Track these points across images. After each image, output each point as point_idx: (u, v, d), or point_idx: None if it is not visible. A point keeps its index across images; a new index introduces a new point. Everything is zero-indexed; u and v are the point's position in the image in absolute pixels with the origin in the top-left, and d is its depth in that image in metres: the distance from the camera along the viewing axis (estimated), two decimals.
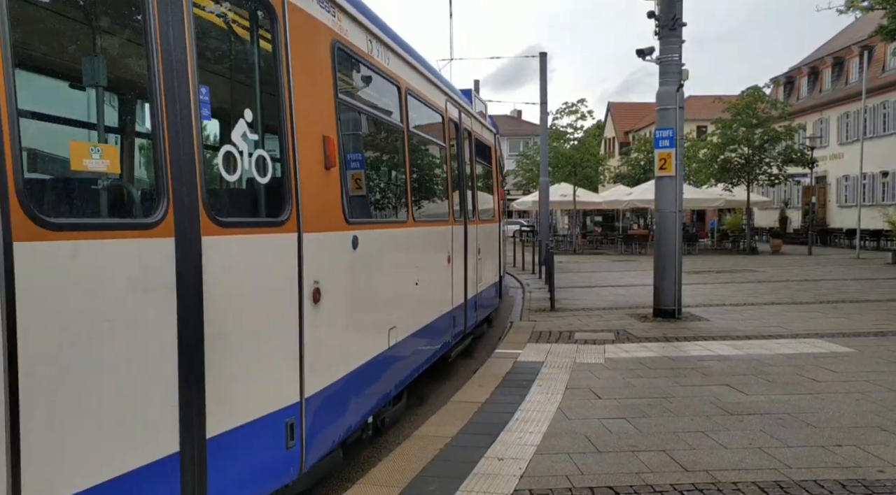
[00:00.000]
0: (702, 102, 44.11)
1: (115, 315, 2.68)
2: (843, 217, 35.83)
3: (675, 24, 11.04)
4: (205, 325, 3.10)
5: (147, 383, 2.85)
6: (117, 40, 3.24)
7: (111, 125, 3.78)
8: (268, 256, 3.68)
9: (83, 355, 2.54)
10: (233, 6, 3.82)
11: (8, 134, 2.23)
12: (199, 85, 3.14)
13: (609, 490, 4.25)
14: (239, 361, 3.38)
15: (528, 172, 42.18)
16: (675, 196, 11.22)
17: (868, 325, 10.32)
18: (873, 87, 31.49)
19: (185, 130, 3.02)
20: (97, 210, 2.91)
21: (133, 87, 3.53)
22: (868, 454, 4.81)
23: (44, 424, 2.38)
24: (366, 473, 4.71)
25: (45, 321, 2.38)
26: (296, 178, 3.87)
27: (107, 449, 2.65)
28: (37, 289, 2.34)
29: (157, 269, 2.88)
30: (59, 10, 3.06)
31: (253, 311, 3.52)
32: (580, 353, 8.48)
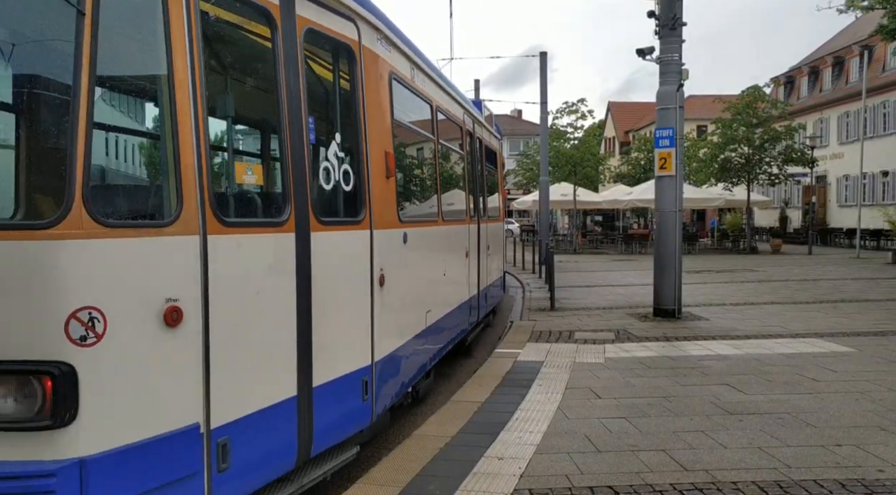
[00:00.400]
0: (702, 102, 44.11)
1: (261, 286, 3.69)
2: (843, 217, 35.82)
3: (676, 23, 11.04)
4: (312, 299, 4.07)
5: (277, 340, 3.81)
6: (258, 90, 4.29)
7: (253, 151, 5.18)
8: (351, 247, 4.67)
9: (244, 313, 3.55)
10: (326, 53, 4.75)
11: (206, 162, 3.31)
12: (308, 117, 4.14)
13: (609, 489, 4.26)
14: (333, 329, 4.34)
15: (529, 172, 42.17)
16: (675, 195, 11.22)
17: (868, 325, 10.32)
18: (873, 87, 31.49)
19: (300, 152, 4.02)
20: (252, 212, 3.98)
21: (268, 124, 4.54)
22: (868, 453, 4.82)
23: (222, 358, 3.37)
24: (366, 472, 4.71)
25: (225, 288, 3.39)
26: (368, 186, 4.87)
27: (256, 388, 3.64)
28: (220, 266, 3.34)
29: (284, 254, 3.89)
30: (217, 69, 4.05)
31: (342, 290, 4.50)
32: (580, 353, 8.48)
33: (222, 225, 3.39)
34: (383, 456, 5.07)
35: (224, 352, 3.39)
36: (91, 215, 2.85)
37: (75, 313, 2.81)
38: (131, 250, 3.02)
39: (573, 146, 34.85)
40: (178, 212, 3.19)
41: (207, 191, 3.29)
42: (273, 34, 3.92)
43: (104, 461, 2.87)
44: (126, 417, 2.98)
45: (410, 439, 5.34)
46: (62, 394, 2.77)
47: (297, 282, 3.96)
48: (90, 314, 2.85)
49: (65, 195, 2.80)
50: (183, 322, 3.18)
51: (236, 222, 3.58)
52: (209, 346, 3.31)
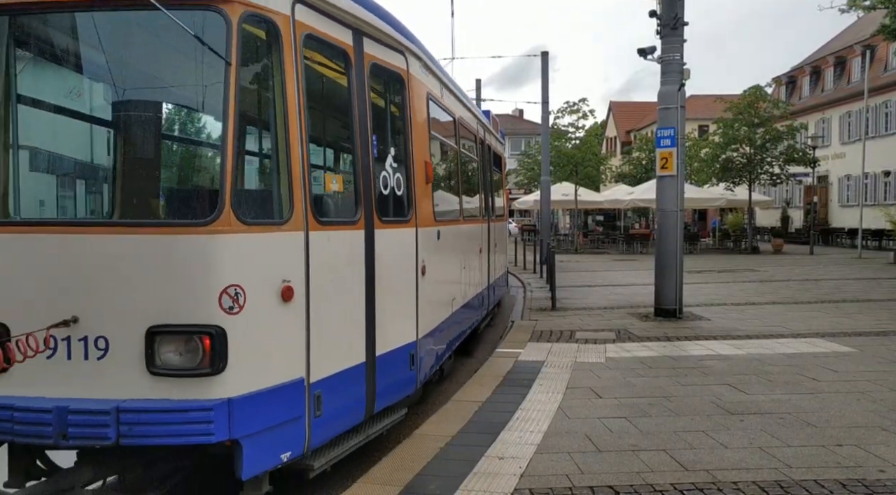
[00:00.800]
0: (703, 102, 44.07)
1: (342, 272, 4.65)
2: (844, 216, 35.78)
3: (677, 23, 11.03)
4: (375, 283, 4.99)
5: (352, 315, 4.78)
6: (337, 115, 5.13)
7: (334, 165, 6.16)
8: (402, 242, 5.56)
9: (331, 293, 4.48)
10: (384, 82, 5.62)
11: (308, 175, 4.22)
12: (372, 135, 5.02)
13: (609, 489, 4.26)
14: (389, 309, 5.22)
15: (530, 171, 42.17)
16: (676, 195, 11.21)
17: (869, 325, 10.31)
18: (875, 87, 31.44)
19: (367, 165, 4.95)
20: (336, 213, 4.84)
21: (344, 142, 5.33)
22: (869, 453, 4.81)
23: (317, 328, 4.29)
24: (367, 471, 4.72)
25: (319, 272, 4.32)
26: (413, 191, 5.75)
27: (338, 353, 4.59)
28: (316, 255, 4.29)
29: (357, 247, 4.81)
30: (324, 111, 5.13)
31: (395, 277, 5.38)
32: (581, 353, 8.48)
33: (318, 223, 4.35)
34: (384, 455, 5.07)
35: (318, 324, 4.31)
36: (236, 216, 3.78)
37: (226, 289, 3.74)
38: (261, 242, 3.97)
39: (574, 146, 34.83)
40: (291, 213, 4.15)
41: (308, 197, 4.25)
42: (348, 70, 4.89)
43: (243, 401, 3.75)
44: (257, 370, 3.89)
45: (411, 438, 5.35)
46: (217, 350, 3.68)
47: (365, 270, 4.92)
48: (235, 290, 3.77)
49: (218, 201, 3.75)
50: (293, 298, 4.11)
51: (326, 221, 4.49)
52: (309, 318, 4.24)
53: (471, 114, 9.54)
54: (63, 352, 3.72)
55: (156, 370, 3.69)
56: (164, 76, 4.65)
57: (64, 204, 4.80)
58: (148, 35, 4.19)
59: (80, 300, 3.73)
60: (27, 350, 3.63)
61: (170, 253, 3.75)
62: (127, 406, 3.58)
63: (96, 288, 3.74)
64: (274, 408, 3.97)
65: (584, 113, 34.34)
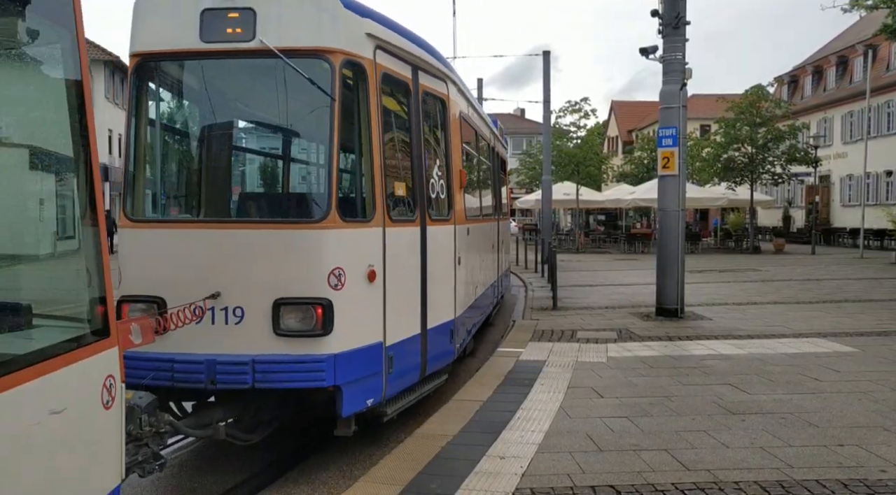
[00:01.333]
0: (705, 101, 44.01)
1: (408, 258, 5.80)
2: (846, 216, 35.74)
3: (679, 22, 11.01)
4: (426, 270, 6.07)
5: (411, 294, 5.88)
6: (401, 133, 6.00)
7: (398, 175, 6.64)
8: (445, 237, 6.65)
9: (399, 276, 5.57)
10: (431, 106, 6.62)
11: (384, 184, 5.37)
12: (423, 151, 6.10)
13: (611, 489, 4.26)
14: (436, 291, 6.28)
15: (531, 171, 42.16)
16: (678, 195, 11.20)
17: (871, 325, 10.30)
18: (877, 86, 31.38)
19: (420, 174, 6.01)
20: (402, 213, 5.80)
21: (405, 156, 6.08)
22: (870, 454, 4.81)
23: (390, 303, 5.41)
24: (368, 470, 4.72)
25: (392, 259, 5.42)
26: (452, 195, 6.90)
27: (403, 324, 5.64)
28: (390, 246, 5.40)
29: (415, 240, 5.95)
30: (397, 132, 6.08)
31: (440, 265, 6.45)
32: (582, 352, 8.48)
33: (391, 221, 5.48)
34: (385, 454, 5.08)
35: (391, 300, 5.42)
36: (339, 215, 4.95)
37: (332, 270, 4.88)
38: (355, 236, 5.15)
39: (576, 145, 34.81)
40: (374, 214, 5.31)
41: (385, 201, 5.39)
42: (408, 98, 5.97)
43: (344, 357, 4.88)
44: (353, 333, 5.00)
45: (412, 437, 5.35)
46: (326, 317, 4.79)
47: (420, 258, 6.02)
48: (339, 271, 4.91)
49: (327, 204, 4.96)
50: (376, 279, 5.25)
51: (396, 219, 5.58)
52: (385, 295, 5.37)
53: (485, 124, 10.74)
54: (209, 319, 4.81)
55: (280, 332, 4.79)
56: (286, 110, 5.85)
57: (211, 205, 5.99)
58: (274, 76, 5.28)
59: (222, 279, 4.82)
60: (178, 320, 4.64)
61: (292, 243, 4.94)
62: (260, 358, 4.69)
63: (235, 269, 4.86)
64: (363, 364, 5.10)
65: (585, 112, 34.32)
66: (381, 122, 5.35)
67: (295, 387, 4.81)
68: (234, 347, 4.75)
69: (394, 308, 5.46)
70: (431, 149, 6.60)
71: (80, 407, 2.68)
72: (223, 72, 5.47)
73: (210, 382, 4.68)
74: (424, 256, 6.03)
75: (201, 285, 4.78)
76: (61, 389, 2.52)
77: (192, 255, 4.92)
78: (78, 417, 2.66)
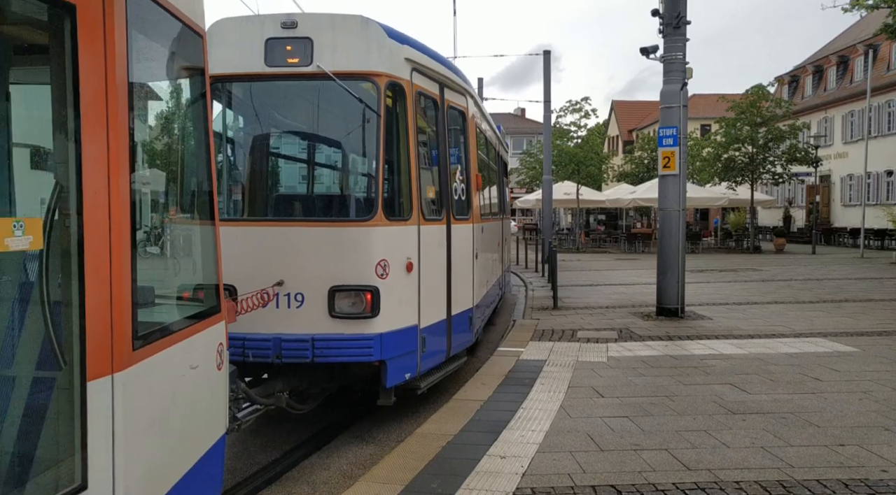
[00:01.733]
0: (706, 101, 44.04)
1: (437, 252, 6.59)
2: (846, 216, 35.74)
3: (680, 22, 11.01)
4: (451, 263, 6.85)
5: (439, 284, 6.64)
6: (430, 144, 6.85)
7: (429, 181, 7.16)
8: (465, 234, 7.43)
9: (431, 268, 6.40)
10: (455, 118, 7.41)
11: (420, 188, 6.20)
12: (448, 158, 6.93)
13: (611, 488, 4.25)
14: (459, 282, 7.06)
15: (532, 170, 42.13)
16: (678, 194, 11.20)
17: (872, 325, 10.30)
18: (878, 86, 31.36)
19: (446, 179, 6.84)
20: (432, 213, 6.60)
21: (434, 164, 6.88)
22: (871, 453, 4.80)
23: (423, 291, 6.22)
24: (368, 470, 4.72)
25: (425, 253, 6.24)
26: (471, 197, 7.72)
27: (433, 310, 6.47)
28: (423, 241, 6.22)
29: (442, 236, 6.72)
30: None
31: (462, 259, 7.19)
32: (583, 352, 8.47)
33: (424, 220, 6.29)
34: (385, 454, 5.07)
35: (424, 288, 6.26)
36: (384, 215, 5.80)
37: (379, 262, 5.69)
38: (396, 232, 5.96)
39: (576, 145, 34.79)
40: (411, 213, 6.13)
41: (420, 203, 6.21)
42: (436, 112, 6.84)
43: (388, 336, 5.73)
44: (395, 316, 5.81)
45: (413, 437, 5.34)
46: (374, 302, 5.61)
47: (446, 253, 6.78)
48: (384, 262, 5.71)
49: (374, 206, 5.81)
50: (413, 270, 6.08)
51: (428, 219, 6.40)
52: (419, 284, 6.20)
53: (492, 130, 11.51)
54: (273, 304, 5.56)
55: (335, 314, 5.60)
56: (338, 125, 6.64)
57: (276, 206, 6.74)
58: (328, 96, 6.14)
59: (285, 269, 5.59)
60: (249, 305, 5.30)
61: (345, 238, 5.76)
62: (318, 337, 5.52)
63: (296, 261, 5.64)
64: (402, 343, 5.92)
65: (586, 112, 34.29)
66: (416, 134, 6.25)
67: (348, 361, 5.69)
68: (296, 327, 5.56)
69: (426, 295, 6.31)
70: (455, 156, 7.52)
71: (205, 366, 3.38)
72: (285, 92, 6.32)
73: (276, 357, 5.49)
74: (449, 251, 6.85)
75: (268, 274, 5.56)
76: (195, 351, 3.25)
77: (260, 249, 5.66)
78: (204, 374, 3.37)
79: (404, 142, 6.09)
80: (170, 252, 3.62)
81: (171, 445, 2.99)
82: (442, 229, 6.73)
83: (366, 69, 5.85)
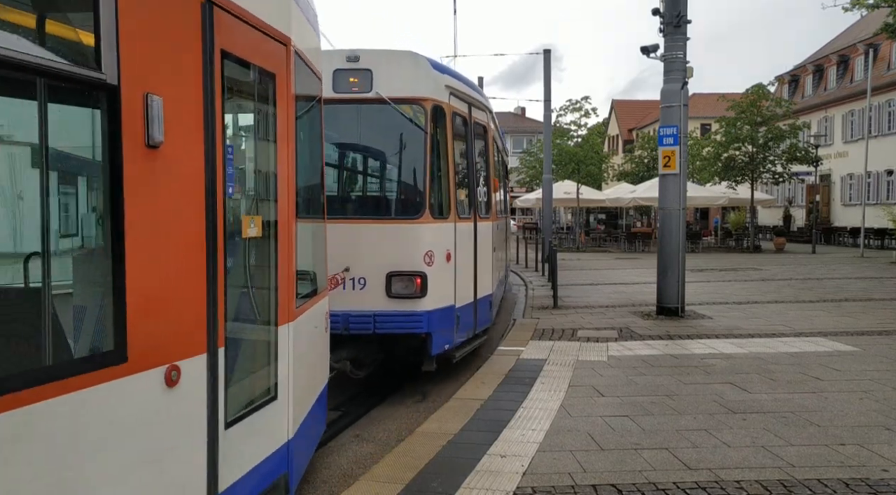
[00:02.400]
0: (706, 100, 44.01)
1: (467, 245, 7.88)
2: (847, 215, 35.72)
3: (680, 21, 11.00)
4: (476, 254, 8.13)
5: (468, 271, 7.89)
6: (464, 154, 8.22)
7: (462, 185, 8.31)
8: (487, 230, 8.74)
9: (464, 257, 7.74)
10: (479, 132, 8.71)
11: (455, 191, 7.70)
12: (476, 166, 8.47)
13: (612, 487, 4.25)
14: (482, 270, 8.33)
15: (532, 169, 42.13)
16: (678, 194, 11.20)
17: (872, 324, 10.29)
18: (878, 86, 31.34)
19: (473, 184, 8.27)
20: (463, 212, 7.78)
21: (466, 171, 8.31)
22: (872, 453, 4.80)
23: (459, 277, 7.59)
24: (368, 469, 4.71)
25: (460, 246, 7.58)
26: (489, 199, 9.07)
27: (464, 292, 7.75)
28: (458, 236, 7.58)
29: (470, 232, 7.97)
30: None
31: (484, 252, 8.46)
32: (583, 351, 8.47)
33: (458, 218, 7.55)
34: (386, 453, 5.07)
35: (458, 275, 7.49)
36: (431, 214, 7.03)
37: (426, 252, 6.90)
38: (439, 228, 7.18)
39: (577, 144, 34.78)
40: (449, 213, 7.36)
41: (455, 203, 7.47)
42: (465, 128, 8.09)
43: (433, 312, 6.97)
44: (438, 297, 7.05)
45: (413, 436, 5.34)
46: (423, 285, 6.85)
47: (473, 246, 8.04)
48: (430, 253, 6.93)
49: (423, 206, 7.02)
50: (450, 260, 7.32)
51: (461, 217, 7.65)
52: (455, 271, 7.42)
53: (500, 138, 12.74)
54: (341, 286, 6.70)
55: (392, 295, 6.84)
56: (393, 140, 7.55)
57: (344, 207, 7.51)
58: (385, 117, 7.17)
59: (351, 258, 6.76)
60: None
61: (399, 233, 7.00)
62: (378, 313, 6.77)
63: (360, 251, 6.81)
64: (443, 319, 7.20)
65: (586, 111, 34.28)
66: (453, 147, 7.56)
67: (402, 333, 6.88)
68: (360, 305, 6.75)
69: (459, 281, 7.57)
70: (480, 164, 8.97)
71: (320, 327, 4.67)
72: (348, 113, 7.25)
73: (345, 329, 6.66)
74: (475, 244, 8.13)
75: (337, 262, 6.52)
76: (317, 315, 4.53)
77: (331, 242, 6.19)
78: (320, 332, 4.65)
79: (444, 154, 7.42)
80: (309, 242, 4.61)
81: (311, 377, 4.30)
82: (471, 226, 8.07)
83: (415, 95, 7.13)
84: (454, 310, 7.41)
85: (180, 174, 2.75)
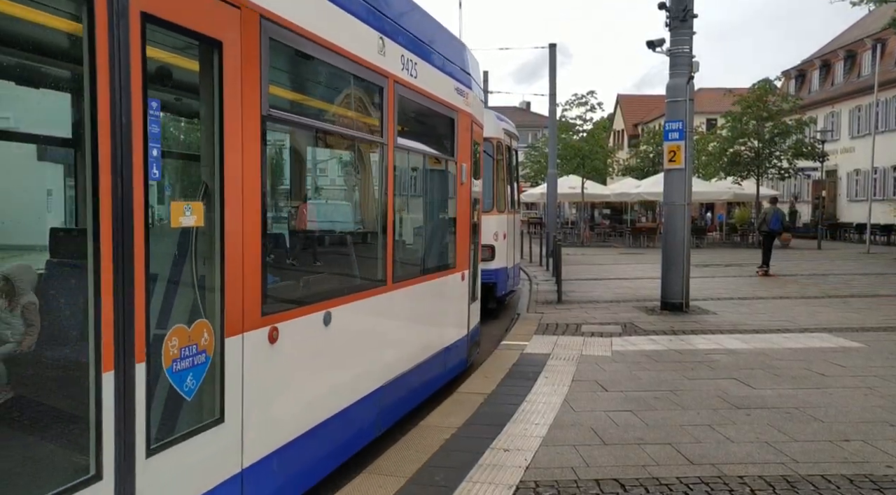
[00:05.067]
0: (712, 95, 43.74)
1: (509, 228, 12.81)
2: (853, 211, 35.58)
3: (687, 15, 10.96)
4: (514, 235, 13.64)
5: (510, 247, 12.86)
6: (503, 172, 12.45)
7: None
8: (514, 222, 13.54)
9: (509, 237, 12.68)
10: (508, 151, 12.69)
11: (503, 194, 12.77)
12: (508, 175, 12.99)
13: (615, 482, 4.25)
14: (514, 248, 13.43)
15: (537, 164, 42.05)
16: (683, 189, 11.17)
17: (877, 320, 10.26)
18: (885, 81, 31.16)
19: (511, 187, 13.31)
20: (503, 208, 12.29)
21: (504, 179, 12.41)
22: (876, 449, 4.79)
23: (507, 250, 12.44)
24: (372, 462, 4.72)
25: (506, 231, 12.50)
26: (516, 199, 13.81)
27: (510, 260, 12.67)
28: (503, 224, 12.42)
29: (510, 221, 12.99)
30: None
31: (514, 235, 13.44)
32: (587, 346, 8.47)
33: (501, 212, 11.90)
34: (389, 446, 5.07)
35: (507, 248, 12.09)
36: (496, 209, 11.66)
37: (494, 232, 11.46)
38: (499, 218, 11.81)
39: (582, 139, 34.70)
40: (503, 208, 12.06)
41: (504, 202, 12.19)
42: (508, 153, 12.52)
43: (500, 269, 11.71)
44: (501, 261, 11.59)
45: (416, 430, 5.35)
46: (494, 252, 11.38)
47: (511, 231, 12.47)
48: (497, 233, 11.60)
49: (494, 203, 11.56)
50: (500, 239, 11.70)
51: (504, 211, 12.09)
52: (506, 246, 11.98)
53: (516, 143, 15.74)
54: None
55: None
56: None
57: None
58: None
59: None
60: None
61: (488, 220, 10.11)
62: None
63: None
64: (502, 275, 11.62)
65: (591, 106, 34.21)
66: (506, 166, 12.16)
67: (484, 282, 9.51)
68: None
69: (507, 252, 11.72)
70: (511, 174, 12.96)
71: (463, 287, 7.37)
72: None
73: None
74: (513, 230, 11.88)
75: None
76: (456, 283, 7.12)
77: None
78: (464, 288, 7.42)
79: (500, 171, 11.78)
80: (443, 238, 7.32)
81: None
82: (511, 217, 12.49)
83: (491, 135, 10.86)
84: (507, 271, 11.86)
85: None
